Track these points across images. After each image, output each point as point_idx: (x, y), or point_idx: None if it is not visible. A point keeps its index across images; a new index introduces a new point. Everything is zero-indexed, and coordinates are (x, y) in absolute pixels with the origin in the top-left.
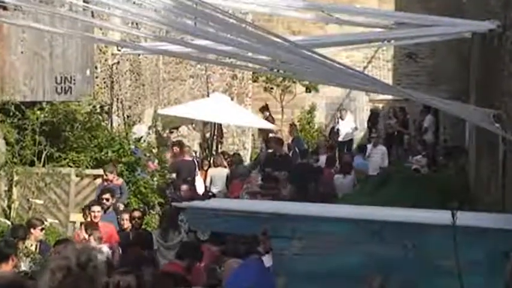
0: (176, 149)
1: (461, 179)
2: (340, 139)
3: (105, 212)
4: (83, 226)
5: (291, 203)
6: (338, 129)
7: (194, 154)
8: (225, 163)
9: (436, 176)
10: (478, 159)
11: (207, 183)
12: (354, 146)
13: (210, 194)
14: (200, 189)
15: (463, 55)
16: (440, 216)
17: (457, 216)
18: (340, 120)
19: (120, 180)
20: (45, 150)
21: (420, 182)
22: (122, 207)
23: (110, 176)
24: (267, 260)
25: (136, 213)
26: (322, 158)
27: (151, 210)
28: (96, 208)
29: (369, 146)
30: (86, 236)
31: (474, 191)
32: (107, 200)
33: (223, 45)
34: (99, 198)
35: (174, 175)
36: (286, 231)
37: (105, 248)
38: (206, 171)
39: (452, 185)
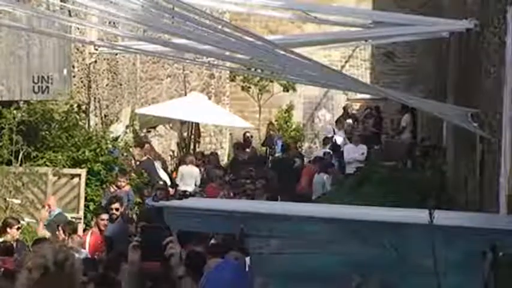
0: (148, 146)
1: (439, 179)
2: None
3: (113, 221)
4: (61, 227)
5: (268, 202)
6: (335, 140)
7: (172, 153)
8: (196, 162)
9: (414, 176)
10: (456, 159)
11: (178, 181)
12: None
13: (188, 193)
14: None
15: (440, 54)
16: (419, 216)
17: (435, 216)
18: (335, 129)
19: (128, 187)
20: (22, 149)
21: (398, 182)
22: (131, 215)
23: (122, 183)
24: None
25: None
26: None
27: (129, 211)
28: (105, 216)
29: (348, 146)
30: (65, 237)
31: (452, 190)
32: (117, 209)
33: (201, 44)
34: (107, 206)
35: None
36: (263, 230)
37: (83, 250)
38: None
39: (430, 184)
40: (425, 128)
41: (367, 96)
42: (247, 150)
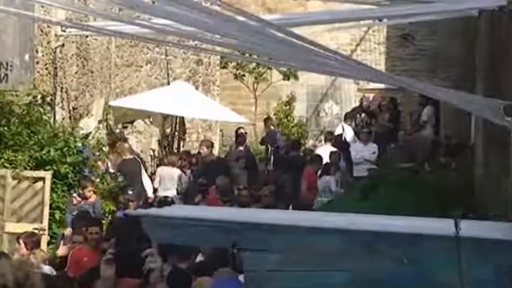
0: (121, 144)
1: (466, 182)
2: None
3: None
4: (21, 240)
5: (266, 210)
6: (345, 138)
7: (152, 152)
8: (180, 163)
9: (437, 179)
10: (486, 160)
11: (156, 184)
12: None
13: (169, 199)
14: (149, 192)
15: (468, 36)
16: (442, 226)
17: (461, 226)
18: (344, 125)
19: (94, 197)
20: None
21: (418, 186)
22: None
23: (87, 192)
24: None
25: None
26: None
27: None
28: (95, 229)
29: (357, 144)
30: (26, 252)
31: (481, 196)
32: (96, 233)
33: (186, 25)
34: (76, 228)
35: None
36: (260, 243)
37: (46, 267)
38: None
39: (455, 188)
40: (449, 123)
41: (382, 86)
42: (240, 148)
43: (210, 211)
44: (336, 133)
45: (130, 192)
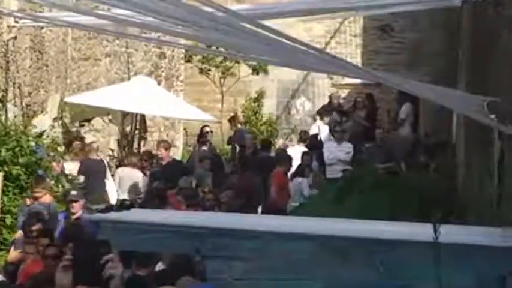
0: (77, 144)
1: (447, 183)
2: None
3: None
4: None
5: (232, 214)
6: (320, 138)
7: (111, 152)
8: (140, 163)
9: (415, 180)
10: (468, 159)
11: (115, 187)
12: None
13: (128, 203)
14: (113, 195)
15: (450, 28)
16: (420, 231)
17: (441, 231)
18: (320, 124)
19: (49, 198)
20: None
21: (396, 188)
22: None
23: (38, 193)
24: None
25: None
26: None
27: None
28: (46, 241)
29: (330, 144)
30: None
31: (462, 198)
32: (48, 245)
33: (148, 16)
34: (25, 227)
35: (81, 178)
36: (225, 249)
37: None
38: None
39: (435, 190)
40: (429, 121)
41: (358, 81)
42: (204, 148)
43: (172, 215)
44: (311, 132)
45: (73, 192)
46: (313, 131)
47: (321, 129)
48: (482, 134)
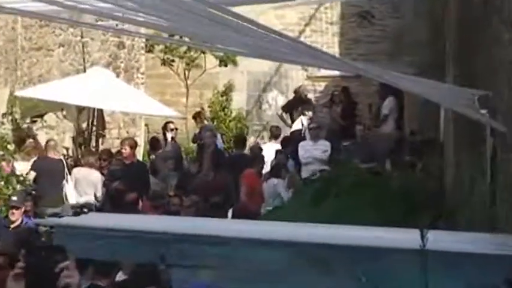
0: (31, 142)
1: (435, 185)
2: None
3: None
4: None
5: (200, 218)
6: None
7: (65, 151)
8: (99, 163)
9: (401, 181)
10: (457, 158)
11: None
12: None
13: (86, 206)
14: (71, 197)
15: (436, 15)
16: (406, 237)
17: (429, 237)
18: (303, 119)
19: None
20: None
21: (379, 190)
22: None
23: None
24: None
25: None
26: None
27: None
28: None
29: (305, 142)
30: None
31: (452, 200)
32: None
33: (105, 2)
34: None
35: (31, 177)
36: (191, 257)
37: None
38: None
39: (422, 192)
40: (415, 117)
41: (335, 73)
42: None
43: (133, 220)
44: (294, 128)
45: (14, 198)
46: (296, 126)
47: (304, 124)
48: (473, 130)
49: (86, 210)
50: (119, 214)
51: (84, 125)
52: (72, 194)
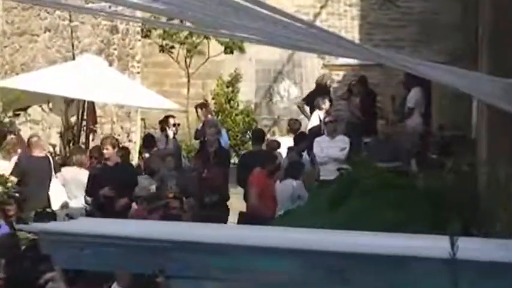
0: (12, 139)
1: (467, 187)
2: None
3: None
4: None
5: (203, 224)
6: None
7: (52, 148)
8: (87, 163)
9: (428, 183)
10: (491, 157)
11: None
12: None
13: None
14: (59, 198)
15: None
16: (435, 245)
17: (459, 245)
18: (320, 114)
19: None
20: None
21: (403, 193)
22: None
23: None
24: None
25: None
26: None
27: None
28: None
29: (321, 138)
30: None
31: (486, 204)
32: None
33: None
34: None
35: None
36: (193, 268)
37: None
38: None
39: (451, 196)
40: (444, 111)
41: (355, 61)
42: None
43: (128, 226)
44: (312, 124)
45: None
46: (313, 123)
47: (321, 119)
48: (509, 124)
49: (75, 214)
50: (111, 219)
51: (73, 119)
52: (56, 197)
